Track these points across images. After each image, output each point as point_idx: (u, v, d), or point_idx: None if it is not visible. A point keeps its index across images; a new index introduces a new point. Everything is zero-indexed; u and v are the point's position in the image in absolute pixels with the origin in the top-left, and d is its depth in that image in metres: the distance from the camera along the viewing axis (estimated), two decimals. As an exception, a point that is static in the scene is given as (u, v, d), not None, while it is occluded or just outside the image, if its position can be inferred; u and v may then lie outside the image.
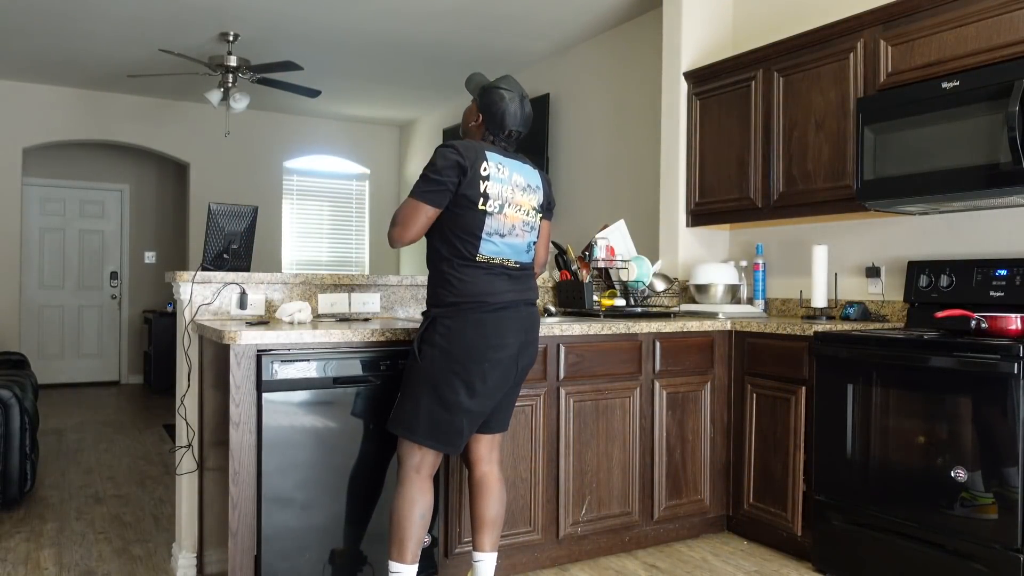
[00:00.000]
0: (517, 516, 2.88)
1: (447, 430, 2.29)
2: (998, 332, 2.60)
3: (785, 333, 3.13)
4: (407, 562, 2.30)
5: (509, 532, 2.85)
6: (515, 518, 2.88)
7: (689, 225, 4.05)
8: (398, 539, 2.30)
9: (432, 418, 2.28)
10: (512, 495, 2.86)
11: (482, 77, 2.45)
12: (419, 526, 2.31)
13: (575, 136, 5.82)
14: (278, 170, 8.30)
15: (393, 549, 2.31)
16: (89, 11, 5.14)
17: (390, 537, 2.33)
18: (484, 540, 2.46)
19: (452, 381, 2.26)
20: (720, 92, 3.84)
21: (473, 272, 2.28)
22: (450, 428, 2.29)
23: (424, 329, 2.31)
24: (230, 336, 2.34)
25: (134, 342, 8.41)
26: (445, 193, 2.24)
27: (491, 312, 2.28)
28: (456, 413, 2.28)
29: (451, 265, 2.28)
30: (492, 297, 2.28)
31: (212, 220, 2.97)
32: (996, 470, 2.41)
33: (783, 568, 3.03)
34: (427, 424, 2.28)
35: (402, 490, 2.33)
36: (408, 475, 2.33)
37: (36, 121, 7.15)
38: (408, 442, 2.33)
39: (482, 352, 2.26)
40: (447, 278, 2.29)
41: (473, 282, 2.27)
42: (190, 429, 2.91)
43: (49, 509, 3.75)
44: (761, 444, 3.24)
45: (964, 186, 2.75)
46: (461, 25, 5.37)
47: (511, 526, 2.87)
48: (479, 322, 2.26)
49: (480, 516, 2.47)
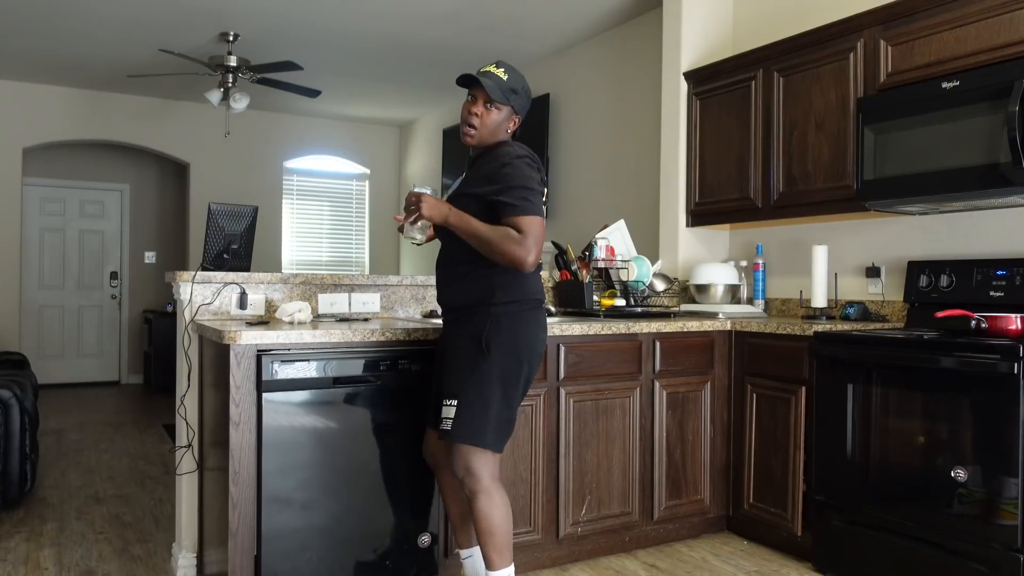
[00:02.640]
0: (517, 516, 2.88)
1: (510, 429, 2.32)
2: (998, 332, 2.60)
3: (785, 333, 3.13)
4: (511, 563, 2.32)
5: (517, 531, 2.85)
6: (515, 518, 2.88)
7: (689, 225, 4.05)
8: (505, 545, 2.29)
9: (500, 419, 2.26)
10: (512, 495, 2.86)
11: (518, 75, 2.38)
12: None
13: (575, 136, 5.82)
14: (278, 170, 8.30)
15: (498, 557, 2.28)
16: (89, 11, 5.14)
17: (493, 547, 2.27)
18: (471, 535, 2.51)
19: (518, 378, 2.28)
20: (720, 92, 3.84)
21: (535, 271, 2.34)
22: (512, 427, 2.33)
23: (487, 328, 2.25)
24: (230, 336, 2.34)
25: (134, 342, 8.41)
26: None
27: (542, 309, 2.37)
28: (515, 411, 2.32)
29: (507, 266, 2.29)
30: (542, 294, 2.38)
31: (212, 220, 2.97)
32: (996, 470, 2.41)
33: (783, 568, 3.03)
34: (496, 426, 2.26)
35: (492, 500, 2.26)
36: (491, 484, 2.27)
37: (36, 121, 7.15)
38: (481, 451, 2.25)
39: (540, 348, 2.33)
40: (512, 277, 2.27)
41: (533, 280, 2.33)
42: (190, 429, 2.91)
43: (49, 509, 3.74)
44: (761, 444, 3.23)
45: (964, 186, 2.75)
46: (461, 26, 5.37)
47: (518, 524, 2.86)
48: (538, 319, 2.33)
49: (463, 512, 2.50)
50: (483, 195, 2.26)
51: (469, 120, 2.31)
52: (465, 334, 2.28)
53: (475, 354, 2.25)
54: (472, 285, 2.29)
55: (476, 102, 2.31)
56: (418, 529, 2.64)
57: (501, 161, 2.26)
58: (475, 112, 2.30)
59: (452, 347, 2.32)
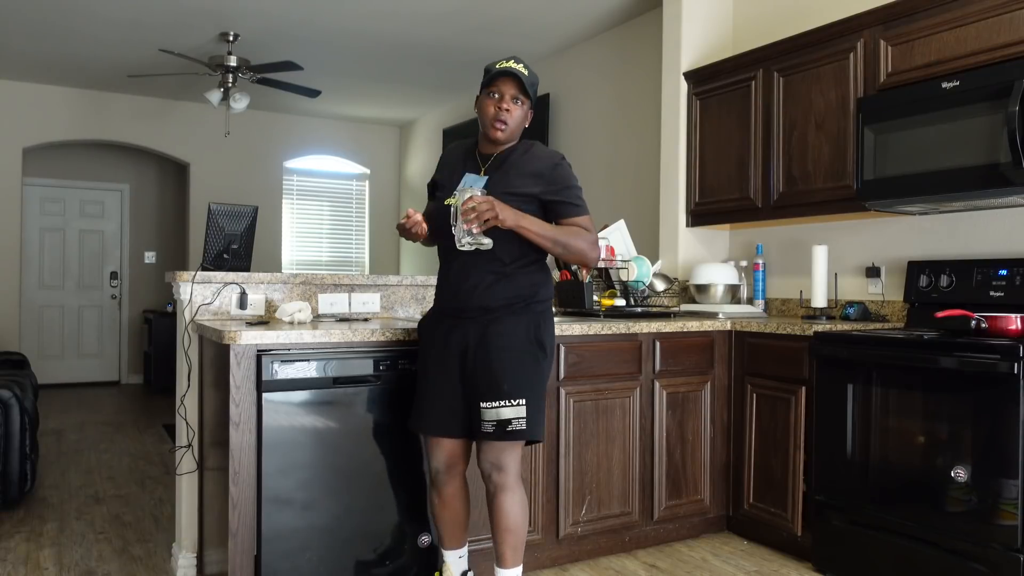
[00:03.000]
0: (517, 516, 2.88)
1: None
2: (998, 332, 2.60)
3: (785, 333, 3.13)
4: (521, 564, 2.35)
5: (509, 532, 2.85)
6: (515, 518, 2.88)
7: (689, 225, 4.05)
8: (520, 543, 2.32)
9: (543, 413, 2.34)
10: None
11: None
12: None
13: (575, 136, 5.82)
14: (278, 170, 8.30)
15: (512, 555, 2.31)
16: (90, 11, 5.14)
17: (510, 544, 2.30)
18: (464, 536, 2.52)
19: (549, 374, 2.37)
20: (720, 92, 3.84)
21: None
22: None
23: (537, 326, 2.30)
24: (230, 336, 2.34)
25: (134, 342, 8.41)
26: None
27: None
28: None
29: (544, 264, 2.38)
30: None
31: (212, 220, 2.97)
32: (996, 470, 2.41)
33: (783, 568, 3.03)
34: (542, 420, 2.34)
35: (516, 496, 2.30)
36: (517, 481, 2.32)
37: (36, 121, 7.15)
38: (519, 447, 2.30)
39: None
40: (547, 276, 2.38)
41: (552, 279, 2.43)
42: (190, 429, 2.91)
43: (49, 509, 3.74)
44: (761, 444, 3.23)
45: (964, 186, 2.75)
46: (461, 26, 5.37)
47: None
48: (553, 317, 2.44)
49: (463, 515, 2.50)
50: (539, 195, 2.28)
51: (500, 115, 2.27)
52: (515, 333, 2.26)
53: (533, 352, 2.27)
54: (517, 284, 2.29)
55: (504, 97, 2.27)
56: (418, 529, 2.64)
57: (552, 161, 2.32)
58: (505, 107, 2.27)
59: (498, 347, 2.25)
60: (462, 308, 2.30)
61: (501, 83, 2.27)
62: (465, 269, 2.29)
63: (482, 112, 2.31)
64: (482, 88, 2.31)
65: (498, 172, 2.30)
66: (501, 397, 2.23)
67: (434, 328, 2.38)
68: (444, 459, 2.39)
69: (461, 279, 2.30)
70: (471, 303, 2.28)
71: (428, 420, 2.37)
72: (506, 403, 2.22)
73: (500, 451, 2.27)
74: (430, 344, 2.38)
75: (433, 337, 2.37)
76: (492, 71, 2.28)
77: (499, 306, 2.27)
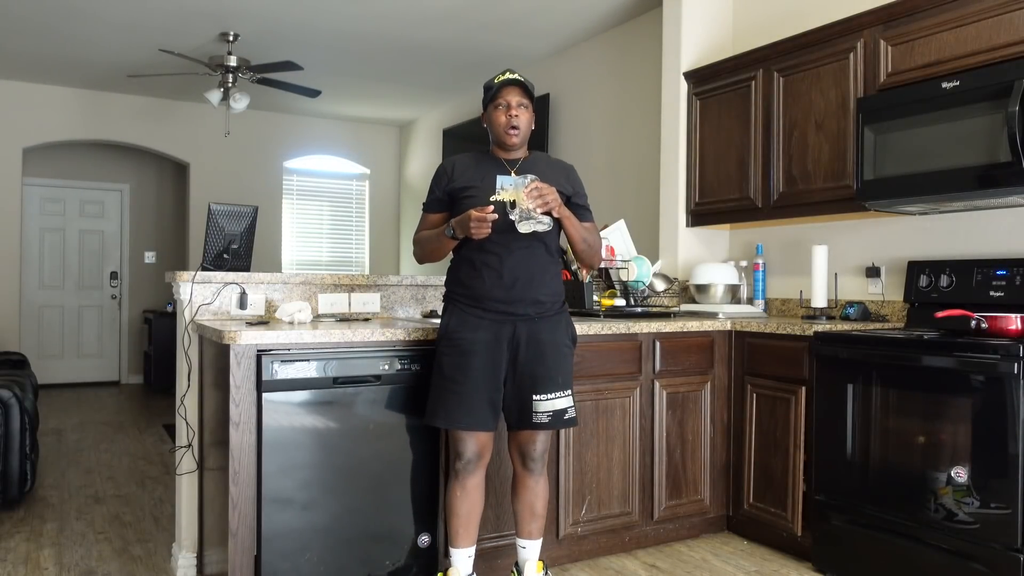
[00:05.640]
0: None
1: None
2: (998, 332, 2.60)
3: (785, 333, 3.13)
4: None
5: (509, 532, 2.85)
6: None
7: (689, 225, 4.05)
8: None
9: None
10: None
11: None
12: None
13: (575, 136, 5.82)
14: (278, 170, 8.30)
15: (540, 530, 2.59)
16: (90, 12, 5.14)
17: (542, 522, 2.58)
18: (475, 533, 2.56)
19: None
20: (720, 92, 3.84)
21: None
22: None
23: (568, 323, 2.53)
24: (230, 336, 2.34)
25: (134, 342, 8.41)
26: None
27: None
28: None
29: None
30: None
31: (212, 220, 2.97)
32: (996, 470, 2.41)
33: (783, 568, 3.03)
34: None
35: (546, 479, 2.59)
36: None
37: (36, 121, 7.15)
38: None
39: None
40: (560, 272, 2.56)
41: None
42: (190, 429, 2.91)
43: (49, 509, 3.75)
44: (761, 444, 3.24)
45: (964, 186, 2.75)
46: (461, 26, 5.37)
47: (511, 526, 2.87)
48: None
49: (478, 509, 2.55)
50: (569, 196, 2.48)
51: (512, 122, 2.40)
52: (559, 329, 2.46)
53: (570, 347, 2.51)
54: (557, 281, 2.50)
55: (511, 105, 2.40)
56: (418, 529, 2.64)
57: (568, 166, 2.58)
58: (514, 113, 2.40)
59: (552, 341, 2.44)
60: (517, 300, 2.40)
61: (506, 92, 2.41)
62: (524, 261, 2.41)
63: (493, 123, 2.44)
64: (487, 104, 2.44)
65: (533, 172, 2.41)
66: (556, 389, 2.42)
67: (476, 327, 2.41)
68: (476, 450, 2.46)
69: (519, 271, 2.40)
70: (527, 295, 2.41)
71: (467, 416, 2.40)
72: (560, 394, 2.43)
73: (546, 440, 2.51)
74: (472, 342, 2.40)
75: (476, 336, 2.40)
76: (494, 84, 2.42)
77: (548, 300, 2.45)
